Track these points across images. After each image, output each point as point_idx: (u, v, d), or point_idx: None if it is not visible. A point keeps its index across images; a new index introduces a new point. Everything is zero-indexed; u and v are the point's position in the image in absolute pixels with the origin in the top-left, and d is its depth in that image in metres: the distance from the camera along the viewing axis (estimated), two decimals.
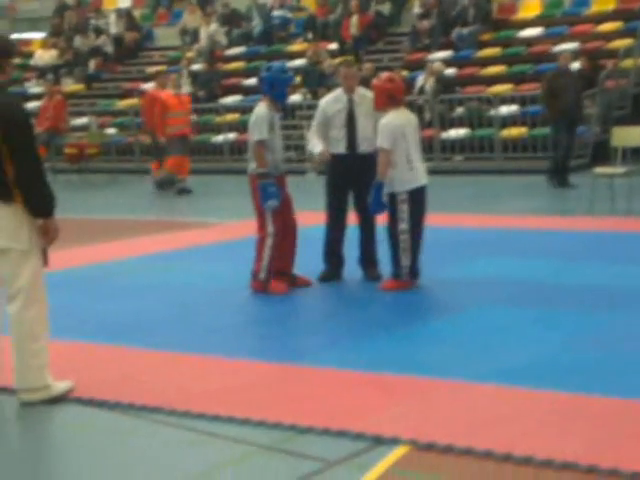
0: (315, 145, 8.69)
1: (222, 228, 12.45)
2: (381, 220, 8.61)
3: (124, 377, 6.17)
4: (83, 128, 21.39)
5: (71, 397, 5.81)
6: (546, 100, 14.58)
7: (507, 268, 8.95)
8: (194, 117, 21.10)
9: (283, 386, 5.93)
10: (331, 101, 8.75)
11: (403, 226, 8.11)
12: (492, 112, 17.76)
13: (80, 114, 22.08)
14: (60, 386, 5.84)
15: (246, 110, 20.75)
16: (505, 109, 17.66)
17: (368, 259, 8.85)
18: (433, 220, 11.42)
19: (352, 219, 8.90)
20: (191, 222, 13.12)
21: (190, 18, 24.34)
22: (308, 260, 8.91)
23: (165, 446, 5.16)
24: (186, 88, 20.80)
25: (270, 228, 8.35)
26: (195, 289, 8.74)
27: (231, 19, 23.72)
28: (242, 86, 21.74)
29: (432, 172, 9.36)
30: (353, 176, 8.63)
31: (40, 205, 5.71)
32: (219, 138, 20.38)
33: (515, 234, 10.72)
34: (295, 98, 20.40)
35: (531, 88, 18.08)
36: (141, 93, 17.10)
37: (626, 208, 11.53)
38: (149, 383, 6.07)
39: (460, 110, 18.26)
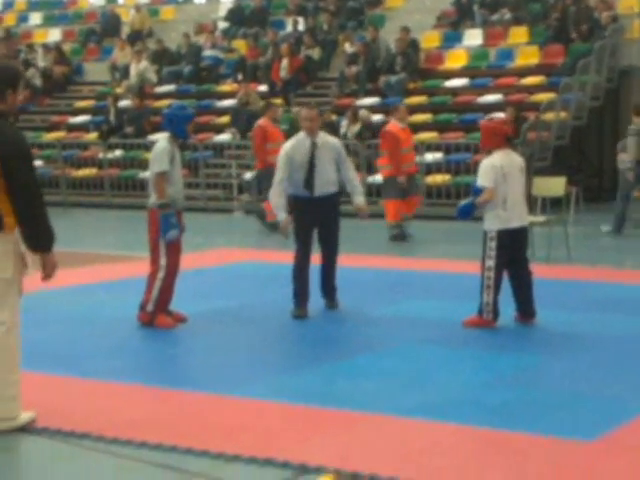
0: (278, 210, 8.95)
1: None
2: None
3: (52, 404, 6.20)
4: None
5: (34, 427, 5.75)
6: None
7: (432, 309, 9.18)
8: (122, 153, 21.17)
9: (211, 415, 6.03)
10: (294, 145, 9.01)
11: (489, 263, 8.27)
12: (417, 159, 18.08)
13: None
14: (26, 416, 5.76)
15: None
16: (430, 156, 18.02)
17: (330, 290, 9.18)
18: (361, 262, 11.74)
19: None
20: (118, 255, 13.12)
21: (120, 54, 24.41)
22: (228, 294, 9.03)
23: (93, 471, 5.22)
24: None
25: (163, 261, 8.44)
26: (123, 320, 8.78)
27: (162, 57, 23.85)
28: None
29: (351, 215, 9.63)
30: (314, 217, 8.95)
31: (39, 239, 5.63)
32: (147, 174, 20.37)
33: (439, 277, 10.99)
34: (224, 138, 20.56)
35: (456, 136, 18.50)
36: (383, 130, 14.79)
37: (545, 255, 11.86)
38: (77, 410, 6.11)
39: None
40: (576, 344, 7.85)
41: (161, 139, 8.66)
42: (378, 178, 18.13)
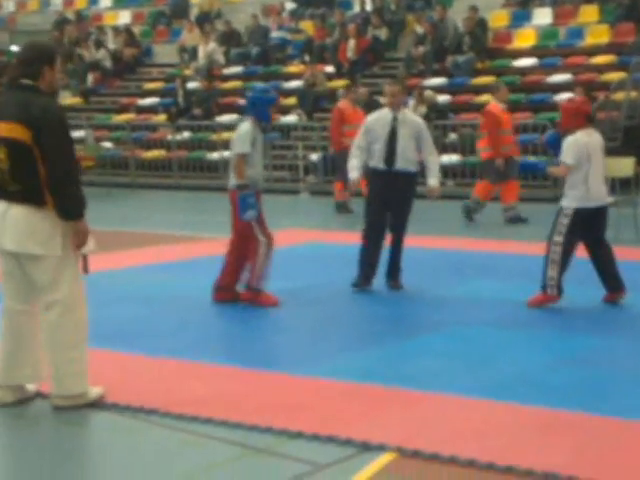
0: (351, 170, 9.16)
1: (215, 243, 12.61)
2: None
3: (120, 381, 6.32)
4: (79, 141, 21.55)
5: (104, 403, 5.88)
6: None
7: (496, 290, 9.16)
8: (190, 134, 21.37)
9: (275, 393, 6.11)
10: (376, 117, 9.25)
11: (557, 238, 8.30)
12: None
13: (77, 127, 22.23)
14: (94, 392, 5.89)
15: None
16: None
17: (394, 270, 9.26)
18: (427, 242, 11.74)
19: None
20: (184, 236, 13.28)
21: (189, 36, 24.59)
22: (293, 275, 9.11)
23: (161, 445, 5.33)
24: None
25: (261, 237, 8.54)
26: (188, 299, 8.90)
27: (230, 38, 23.97)
28: (238, 105, 21.96)
29: (422, 196, 9.64)
30: (389, 193, 9.05)
31: (69, 207, 5.68)
32: (214, 155, 20.59)
33: (507, 258, 10.95)
34: (290, 119, 20.63)
35: (523, 117, 18.33)
36: (484, 111, 14.51)
37: (614, 237, 11.73)
38: (145, 387, 6.24)
39: (453, 136, 18.48)
40: None
41: (244, 122, 8.71)
42: (445, 159, 18.09)
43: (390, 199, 9.10)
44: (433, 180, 9.28)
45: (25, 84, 5.74)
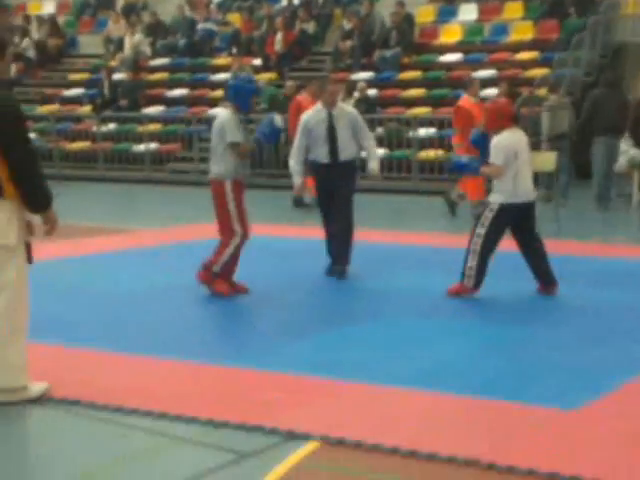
0: (295, 174, 9.39)
1: (143, 234, 12.56)
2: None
3: (43, 373, 6.26)
4: None
5: (47, 398, 5.78)
6: (632, 128, 13.33)
7: (420, 282, 9.25)
8: (115, 126, 21.17)
9: (200, 383, 6.12)
10: (313, 115, 9.48)
11: (479, 230, 8.42)
12: (410, 134, 18.15)
13: None
14: (37, 387, 5.79)
15: (168, 120, 20.88)
16: (423, 131, 18.07)
17: (339, 256, 9.47)
18: (355, 236, 11.79)
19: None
20: (113, 228, 13.18)
21: (114, 27, 24.38)
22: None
23: (83, 436, 5.30)
24: None
25: (238, 228, 8.55)
26: (116, 291, 8.85)
27: (156, 30, 23.81)
28: (165, 97, 21.87)
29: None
30: (335, 182, 9.36)
31: (38, 199, 5.64)
32: (140, 147, 20.45)
33: (428, 251, 11.07)
34: (218, 111, 20.52)
35: (449, 112, 18.49)
36: (455, 106, 14.17)
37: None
38: (68, 378, 6.18)
39: (379, 130, 18.60)
40: (561, 315, 7.96)
41: (224, 110, 8.68)
42: None
43: (335, 186, 9.36)
44: (374, 163, 9.57)
45: None
